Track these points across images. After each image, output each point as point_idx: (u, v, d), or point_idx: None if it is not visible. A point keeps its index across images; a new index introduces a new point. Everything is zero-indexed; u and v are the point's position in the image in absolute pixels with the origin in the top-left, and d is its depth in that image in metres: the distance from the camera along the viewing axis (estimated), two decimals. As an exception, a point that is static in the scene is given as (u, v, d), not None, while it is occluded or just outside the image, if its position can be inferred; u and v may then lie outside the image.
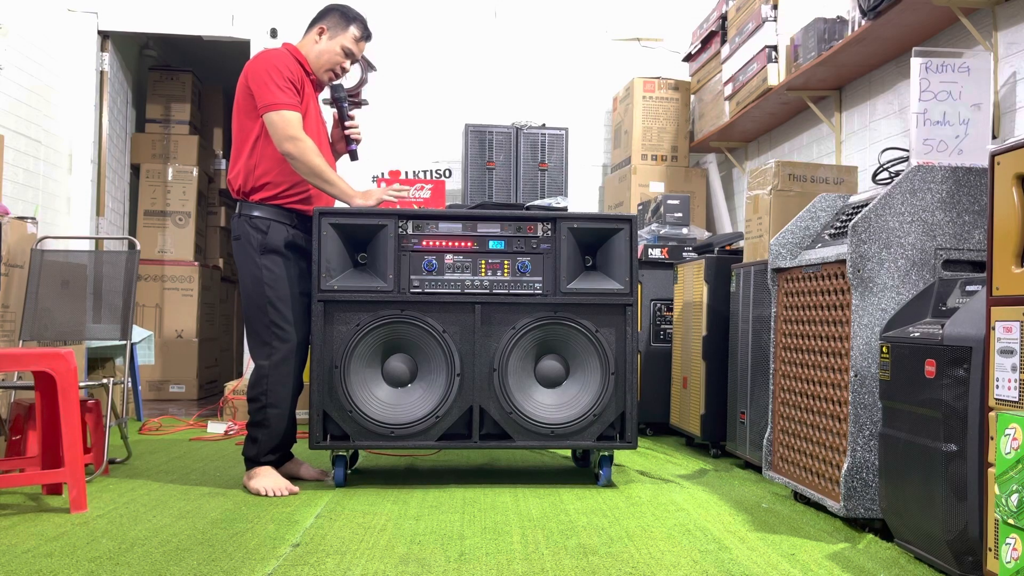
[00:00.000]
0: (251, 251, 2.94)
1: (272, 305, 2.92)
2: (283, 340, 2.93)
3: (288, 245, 2.96)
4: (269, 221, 2.95)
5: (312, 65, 3.08)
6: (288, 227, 2.98)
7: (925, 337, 2.08)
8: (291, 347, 2.94)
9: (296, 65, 2.99)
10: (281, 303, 2.93)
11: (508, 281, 3.02)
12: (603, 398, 3.00)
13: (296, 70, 2.97)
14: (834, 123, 3.91)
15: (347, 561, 2.10)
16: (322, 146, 3.07)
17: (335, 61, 3.08)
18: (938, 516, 2.00)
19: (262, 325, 2.93)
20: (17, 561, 2.06)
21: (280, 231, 2.96)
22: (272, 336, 2.92)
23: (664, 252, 4.34)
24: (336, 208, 2.98)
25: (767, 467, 2.95)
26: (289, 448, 3.08)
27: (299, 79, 2.97)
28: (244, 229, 2.96)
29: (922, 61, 2.60)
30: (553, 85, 5.58)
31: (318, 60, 3.07)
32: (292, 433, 3.02)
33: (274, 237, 2.95)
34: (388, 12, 5.48)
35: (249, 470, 2.94)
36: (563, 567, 2.07)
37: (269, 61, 2.92)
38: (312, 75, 3.08)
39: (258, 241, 2.94)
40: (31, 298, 3.36)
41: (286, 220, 2.98)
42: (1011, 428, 1.67)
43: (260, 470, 2.93)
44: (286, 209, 2.99)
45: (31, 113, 4.71)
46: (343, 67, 3.12)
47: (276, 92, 2.88)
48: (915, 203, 2.41)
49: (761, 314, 3.24)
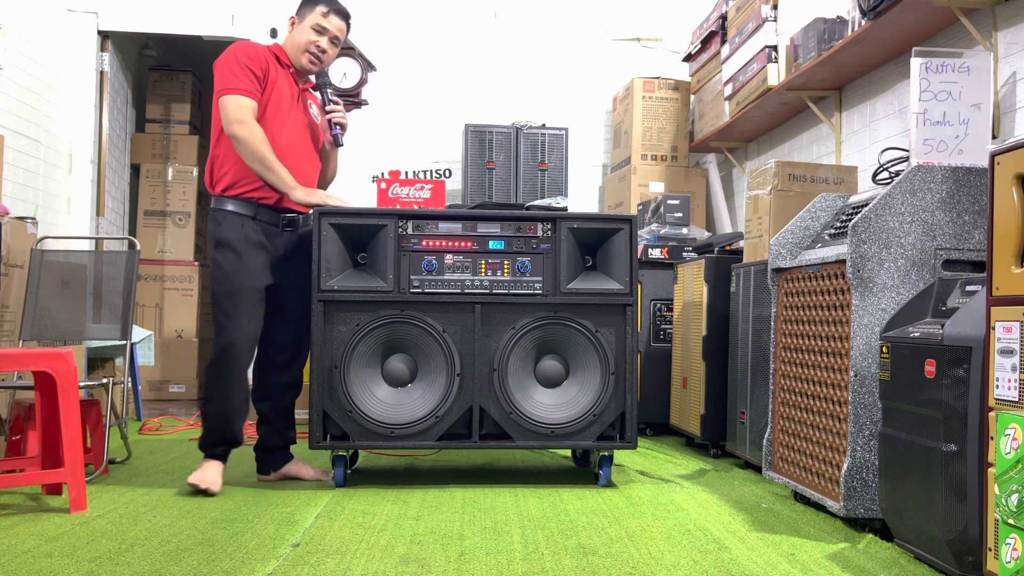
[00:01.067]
0: (210, 245, 2.97)
1: (217, 301, 2.91)
2: (222, 336, 2.90)
3: (243, 238, 2.92)
4: (225, 213, 2.93)
5: (291, 55, 3.04)
6: (248, 219, 2.93)
7: (925, 337, 2.08)
8: (229, 344, 2.88)
9: (263, 56, 2.95)
10: (225, 299, 2.89)
11: (508, 281, 3.02)
12: (603, 398, 3.00)
13: (260, 60, 2.93)
14: (834, 123, 3.91)
15: (347, 561, 2.10)
16: (298, 141, 3.03)
17: (309, 41, 3.01)
18: (938, 516, 2.00)
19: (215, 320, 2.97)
20: (17, 561, 2.06)
21: (234, 224, 2.92)
22: (216, 332, 2.94)
23: (664, 252, 4.34)
24: (336, 208, 2.98)
25: (767, 467, 2.95)
26: (234, 446, 3.00)
27: (263, 68, 2.92)
28: (208, 222, 3.00)
29: (922, 61, 2.60)
30: (553, 85, 5.58)
31: (295, 47, 3.03)
32: (234, 433, 2.96)
33: (226, 230, 2.92)
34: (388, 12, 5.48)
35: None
36: (563, 567, 2.07)
37: (231, 51, 2.93)
38: (291, 67, 3.05)
39: (213, 234, 2.94)
40: (31, 298, 3.36)
41: (246, 212, 2.93)
42: (1011, 428, 1.67)
43: (204, 463, 2.93)
44: (245, 200, 2.94)
45: (31, 113, 4.71)
46: (319, 46, 3.02)
47: (230, 77, 2.88)
48: (915, 203, 2.41)
49: (761, 314, 3.24)
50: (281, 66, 3.03)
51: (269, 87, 2.95)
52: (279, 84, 2.99)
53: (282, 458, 3.13)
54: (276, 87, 2.98)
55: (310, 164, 3.11)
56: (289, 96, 3.03)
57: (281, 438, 3.13)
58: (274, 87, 2.97)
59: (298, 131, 3.06)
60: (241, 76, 2.88)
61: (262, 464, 3.13)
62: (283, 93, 3.00)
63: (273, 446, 3.12)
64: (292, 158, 2.98)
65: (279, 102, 2.98)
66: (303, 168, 3.04)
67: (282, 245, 3.02)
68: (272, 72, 2.97)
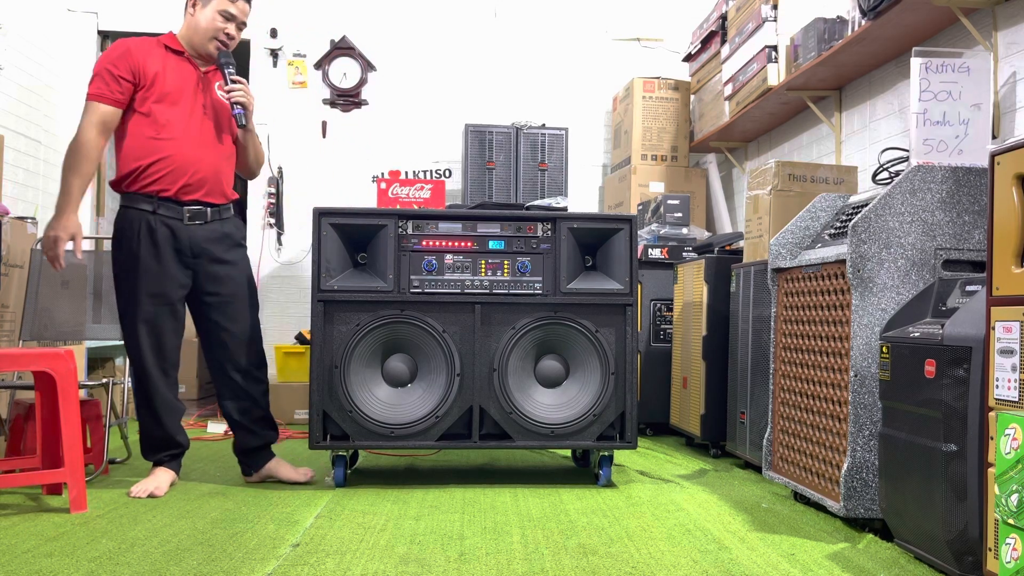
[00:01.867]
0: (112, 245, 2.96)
1: (118, 303, 2.93)
2: (128, 348, 2.92)
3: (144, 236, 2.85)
4: (124, 210, 2.89)
5: (193, 40, 2.93)
6: (148, 214, 2.85)
7: (925, 337, 2.08)
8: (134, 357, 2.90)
9: (134, 56, 2.84)
10: (123, 300, 2.90)
11: (508, 281, 3.02)
12: (603, 398, 3.00)
13: (128, 62, 2.83)
14: (834, 123, 3.91)
15: (347, 561, 2.10)
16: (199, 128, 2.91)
17: (217, 28, 2.90)
18: (938, 516, 2.00)
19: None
20: (17, 561, 2.06)
21: (133, 221, 2.86)
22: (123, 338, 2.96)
23: (664, 252, 4.34)
24: (336, 208, 2.98)
25: (767, 467, 2.95)
26: (170, 449, 2.97)
27: (132, 69, 2.83)
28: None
29: (922, 61, 2.60)
30: (553, 85, 5.58)
31: (197, 33, 2.92)
32: (165, 437, 2.94)
33: (124, 228, 2.88)
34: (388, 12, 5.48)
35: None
36: (563, 567, 2.07)
37: (103, 56, 2.88)
38: (184, 52, 2.93)
39: (114, 234, 2.93)
40: (31, 298, 3.36)
41: (146, 207, 2.85)
42: (1011, 428, 1.67)
43: (153, 469, 2.94)
44: (144, 195, 2.86)
45: (31, 113, 4.71)
46: (228, 33, 2.93)
47: (94, 82, 2.83)
48: (915, 203, 2.41)
49: (761, 314, 3.24)
50: (173, 54, 2.91)
51: (149, 82, 2.84)
52: (168, 76, 2.88)
53: (263, 458, 3.07)
54: (163, 80, 2.86)
55: (215, 150, 2.95)
56: (189, 84, 2.92)
57: (257, 438, 3.05)
58: (158, 80, 2.85)
59: (200, 118, 2.93)
60: (99, 82, 2.82)
61: (243, 466, 3.09)
62: (177, 83, 2.89)
63: (249, 447, 3.06)
64: (190, 146, 2.88)
65: (171, 94, 2.87)
66: (207, 154, 2.92)
67: (191, 238, 2.90)
68: (153, 66, 2.85)
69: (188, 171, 2.87)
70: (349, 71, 5.34)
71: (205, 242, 2.93)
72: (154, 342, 2.89)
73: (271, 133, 5.34)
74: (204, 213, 2.92)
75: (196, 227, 2.91)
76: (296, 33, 5.40)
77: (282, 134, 5.37)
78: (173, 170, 2.85)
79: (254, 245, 5.36)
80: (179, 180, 2.86)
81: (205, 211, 2.92)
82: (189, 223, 2.89)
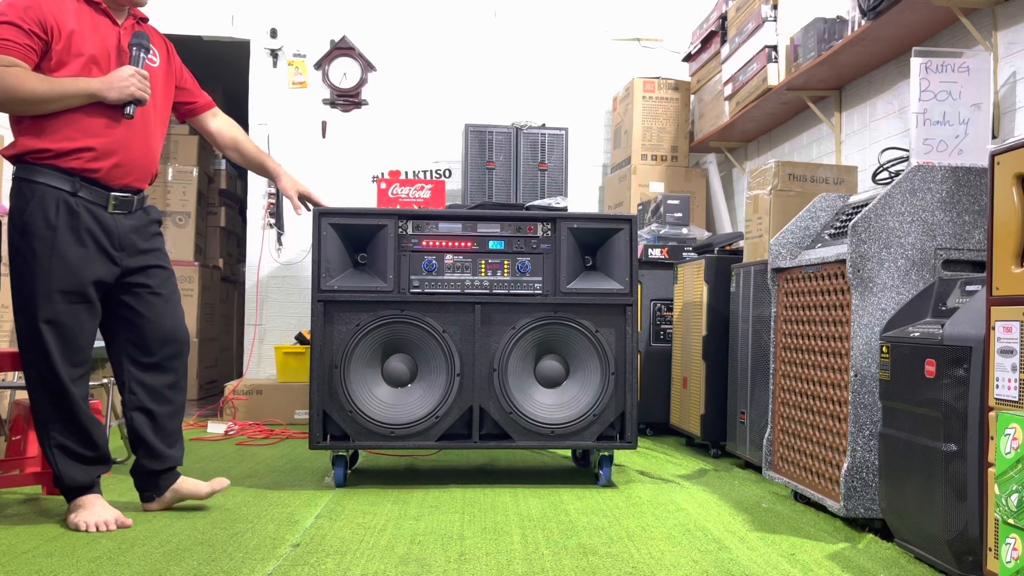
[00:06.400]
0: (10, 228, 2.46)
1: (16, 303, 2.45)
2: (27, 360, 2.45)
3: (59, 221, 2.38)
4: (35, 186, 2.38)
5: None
6: (66, 194, 2.39)
7: (925, 337, 2.08)
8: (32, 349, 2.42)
9: (45, 6, 2.36)
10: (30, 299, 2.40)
11: (508, 281, 3.02)
12: (603, 398, 3.00)
13: (36, 11, 2.34)
14: (834, 123, 3.91)
15: (347, 561, 2.10)
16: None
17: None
18: (938, 516, 2.00)
19: None
20: (17, 561, 2.06)
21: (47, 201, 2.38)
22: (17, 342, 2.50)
23: (664, 252, 4.35)
24: (336, 208, 2.98)
25: (767, 467, 2.95)
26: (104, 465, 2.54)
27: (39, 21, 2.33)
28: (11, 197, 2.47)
29: (922, 61, 2.60)
30: (553, 85, 5.58)
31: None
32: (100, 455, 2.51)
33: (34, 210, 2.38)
34: (388, 13, 5.48)
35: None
36: (563, 567, 2.07)
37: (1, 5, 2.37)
38: (100, 2, 2.46)
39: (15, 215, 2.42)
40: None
41: (64, 186, 2.38)
42: (1011, 428, 1.67)
43: (79, 500, 2.46)
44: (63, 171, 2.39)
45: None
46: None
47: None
48: (915, 203, 2.41)
49: (761, 314, 3.24)
50: (91, 8, 2.46)
51: (64, 39, 2.37)
52: (85, 34, 2.42)
53: (167, 480, 2.61)
54: (80, 38, 2.40)
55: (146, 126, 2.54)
56: (110, 45, 2.47)
57: (161, 461, 2.58)
58: (75, 39, 2.39)
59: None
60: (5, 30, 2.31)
61: (140, 490, 2.62)
62: (98, 44, 2.44)
63: (152, 470, 2.59)
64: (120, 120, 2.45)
65: (95, 56, 2.42)
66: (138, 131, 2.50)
67: (117, 228, 2.46)
68: (69, 22, 2.39)
69: (119, 151, 2.45)
70: (349, 71, 5.34)
71: (131, 233, 2.50)
72: (63, 346, 2.39)
73: (271, 133, 5.34)
74: (131, 201, 2.49)
75: (121, 216, 2.47)
76: (296, 33, 5.40)
77: (282, 134, 5.37)
78: (102, 148, 2.41)
79: (254, 245, 5.36)
80: (109, 160, 2.42)
81: (132, 200, 2.49)
82: (114, 212, 2.45)
